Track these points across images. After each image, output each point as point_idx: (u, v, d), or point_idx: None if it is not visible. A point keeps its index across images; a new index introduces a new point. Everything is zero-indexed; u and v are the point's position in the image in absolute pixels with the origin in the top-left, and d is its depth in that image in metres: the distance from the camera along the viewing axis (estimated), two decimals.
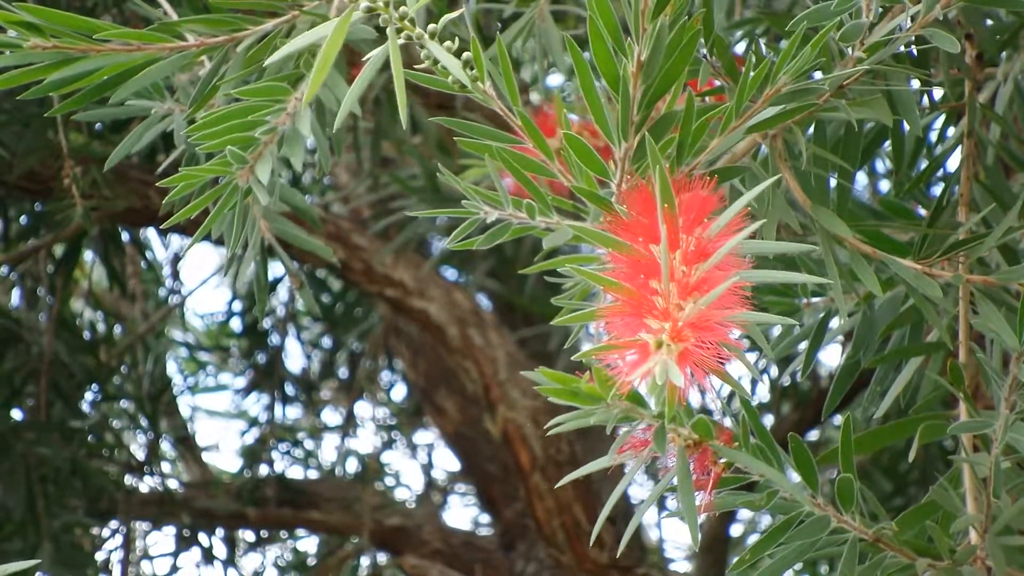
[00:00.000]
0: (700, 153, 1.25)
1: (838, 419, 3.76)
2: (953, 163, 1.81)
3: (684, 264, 1.11)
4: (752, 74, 1.26)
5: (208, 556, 3.78)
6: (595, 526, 1.38)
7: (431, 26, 1.14)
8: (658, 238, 1.11)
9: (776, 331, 1.85)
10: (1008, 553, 1.43)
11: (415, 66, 1.19)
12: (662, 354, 1.05)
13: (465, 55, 1.17)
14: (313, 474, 4.13)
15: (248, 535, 3.96)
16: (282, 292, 3.99)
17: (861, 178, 3.34)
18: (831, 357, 4.09)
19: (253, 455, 3.94)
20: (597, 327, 1.16)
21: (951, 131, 1.84)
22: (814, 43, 1.24)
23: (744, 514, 3.93)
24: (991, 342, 1.61)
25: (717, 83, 1.45)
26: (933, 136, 1.86)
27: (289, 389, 4.10)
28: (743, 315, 1.08)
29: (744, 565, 1.37)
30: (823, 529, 1.37)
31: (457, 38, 1.19)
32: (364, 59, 1.13)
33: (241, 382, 4.27)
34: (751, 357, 3.74)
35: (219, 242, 1.48)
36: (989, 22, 1.77)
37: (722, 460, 1.29)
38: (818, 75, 1.37)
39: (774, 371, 3.63)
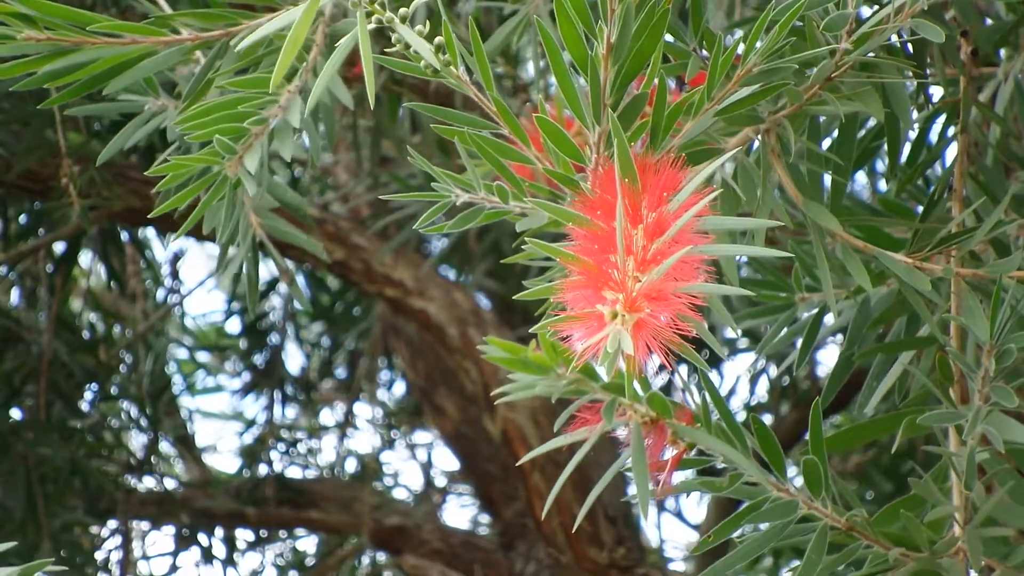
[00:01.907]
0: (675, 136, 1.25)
1: (838, 419, 3.75)
2: (950, 159, 1.81)
3: (646, 239, 1.11)
4: (722, 57, 1.25)
5: (207, 556, 3.78)
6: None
7: (402, 10, 1.14)
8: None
9: (780, 329, 1.84)
10: (988, 544, 1.42)
11: (386, 50, 1.18)
12: (616, 324, 1.05)
13: (437, 39, 1.16)
14: (312, 474, 4.13)
15: (247, 535, 3.95)
16: (282, 291, 3.99)
17: (861, 178, 3.33)
18: (831, 357, 4.08)
19: (252, 455, 3.94)
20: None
21: (952, 130, 1.83)
22: (782, 24, 1.24)
23: None
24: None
25: None
26: (933, 136, 1.86)
27: (288, 389, 4.09)
28: (699, 286, 1.08)
29: (706, 547, 1.35)
30: (790, 513, 1.34)
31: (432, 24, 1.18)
32: (336, 44, 1.13)
33: (240, 382, 4.27)
34: (749, 357, 3.74)
35: (212, 239, 1.47)
36: (989, 21, 1.77)
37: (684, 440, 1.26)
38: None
39: (773, 371, 3.62)
